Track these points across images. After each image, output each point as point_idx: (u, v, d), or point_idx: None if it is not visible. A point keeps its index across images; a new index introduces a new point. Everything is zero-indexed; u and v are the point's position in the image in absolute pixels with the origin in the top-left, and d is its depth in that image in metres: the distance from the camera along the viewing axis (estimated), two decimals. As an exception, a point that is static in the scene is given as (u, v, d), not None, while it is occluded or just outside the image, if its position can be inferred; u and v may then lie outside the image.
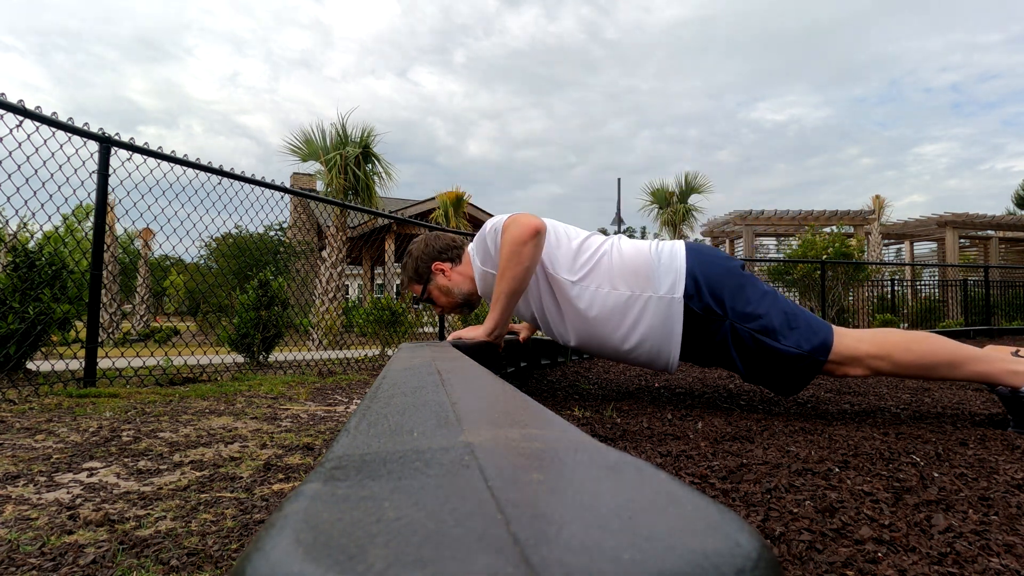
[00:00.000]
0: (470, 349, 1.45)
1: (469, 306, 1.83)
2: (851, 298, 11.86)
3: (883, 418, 1.48)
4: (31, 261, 3.07)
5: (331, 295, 7.86)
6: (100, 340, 3.07)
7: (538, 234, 1.49)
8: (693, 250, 1.56)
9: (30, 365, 3.29)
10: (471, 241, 1.81)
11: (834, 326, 1.48)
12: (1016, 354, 1.41)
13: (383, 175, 8.56)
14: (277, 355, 4.68)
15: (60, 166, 2.79)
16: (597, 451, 0.29)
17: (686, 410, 1.56)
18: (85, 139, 2.86)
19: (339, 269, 8.00)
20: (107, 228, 8.06)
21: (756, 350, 1.47)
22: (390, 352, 5.62)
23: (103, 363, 3.40)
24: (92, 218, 2.89)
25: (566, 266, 1.60)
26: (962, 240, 16.15)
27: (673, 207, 13.96)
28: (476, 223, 14.29)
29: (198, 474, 1.24)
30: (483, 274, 1.70)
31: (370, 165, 8.41)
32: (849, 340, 1.44)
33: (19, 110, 2.54)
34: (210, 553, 0.82)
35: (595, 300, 1.57)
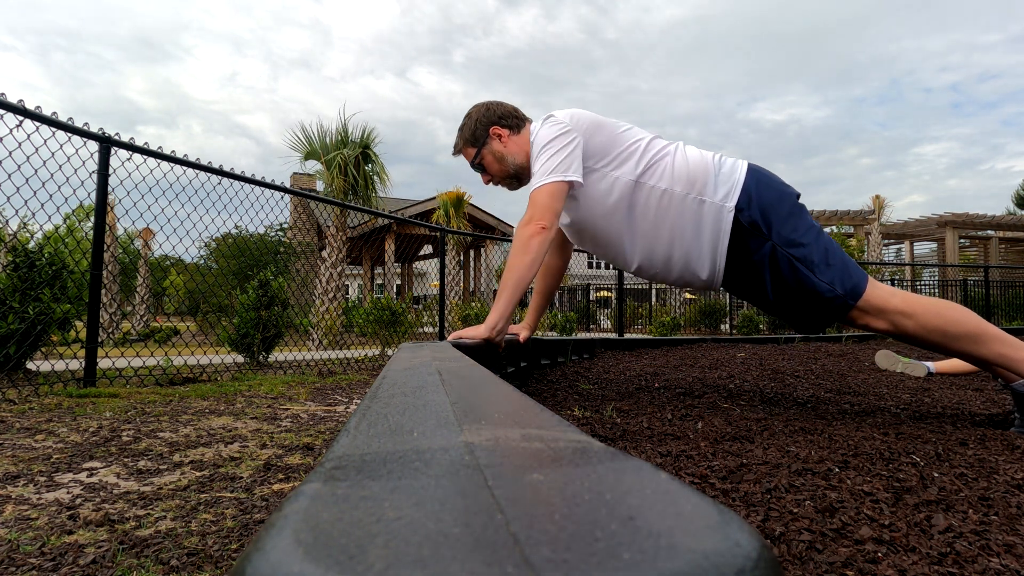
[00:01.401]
0: (470, 349, 1.45)
1: (518, 179, 1.82)
2: (851, 298, 11.84)
3: (883, 418, 1.48)
4: (31, 261, 3.07)
5: (331, 295, 7.86)
6: (100, 340, 3.07)
7: (544, 230, 1.54)
8: (754, 170, 1.60)
9: (30, 365, 3.29)
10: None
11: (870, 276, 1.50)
12: None
13: (381, 175, 8.57)
14: (277, 355, 4.67)
15: (60, 166, 2.79)
16: (597, 451, 0.29)
17: (686, 410, 1.56)
18: (85, 139, 2.86)
19: (339, 269, 8.00)
20: (107, 228, 8.07)
21: (790, 278, 1.50)
22: (390, 352, 5.62)
23: (103, 363, 3.40)
24: (92, 218, 2.90)
25: (630, 164, 1.60)
26: (962, 240, 16.15)
27: (673, 207, 13.93)
28: (477, 223, 14.29)
29: (198, 474, 1.24)
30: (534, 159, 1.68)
31: (369, 165, 8.42)
32: (881, 292, 1.46)
33: (19, 110, 2.54)
34: (210, 553, 0.82)
35: (650, 198, 1.58)
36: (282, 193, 4.17)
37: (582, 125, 1.60)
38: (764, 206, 1.53)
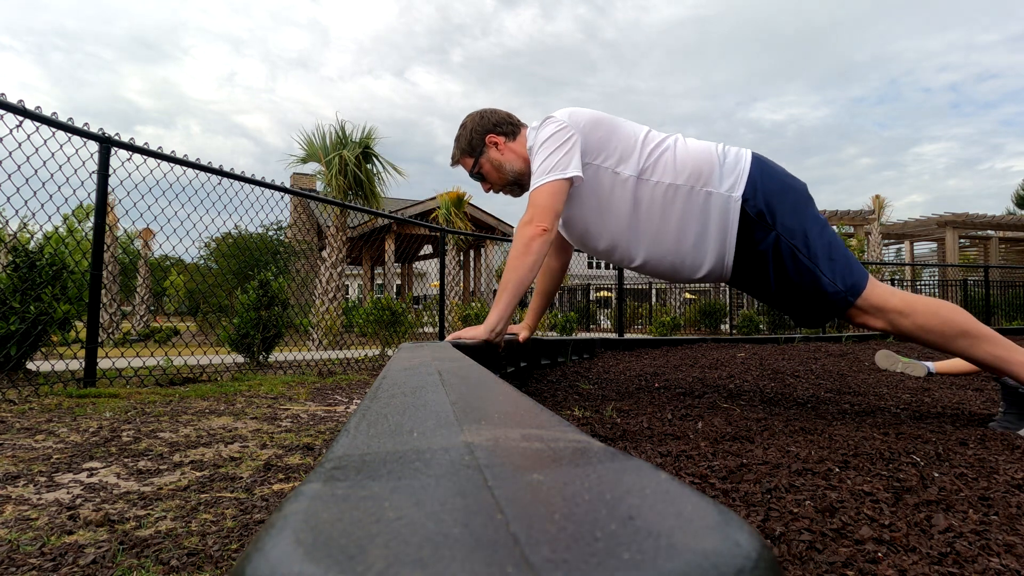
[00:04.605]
0: (470, 349, 1.45)
1: (519, 186, 1.80)
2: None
3: (883, 418, 1.48)
4: (31, 261, 3.07)
5: (331, 295, 7.85)
6: (100, 340, 3.07)
7: (545, 232, 1.54)
8: (759, 160, 1.58)
9: (30, 365, 3.29)
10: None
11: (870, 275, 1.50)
12: None
13: (384, 174, 8.57)
14: (277, 355, 4.67)
15: (60, 166, 2.79)
16: (597, 451, 0.29)
17: (686, 410, 1.56)
18: (85, 139, 2.86)
19: (339, 269, 8.00)
20: (107, 228, 8.07)
21: (792, 270, 1.49)
22: (390, 352, 5.62)
23: (103, 363, 3.40)
24: (92, 218, 2.90)
25: (632, 160, 1.58)
26: (962, 240, 16.16)
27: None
28: (477, 223, 14.29)
29: (198, 474, 1.24)
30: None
31: (370, 165, 8.41)
32: (881, 291, 1.47)
33: (19, 110, 2.54)
34: (210, 553, 0.82)
35: (655, 194, 1.57)
36: (282, 193, 4.17)
37: (580, 122, 1.59)
38: (769, 196, 1.52)
